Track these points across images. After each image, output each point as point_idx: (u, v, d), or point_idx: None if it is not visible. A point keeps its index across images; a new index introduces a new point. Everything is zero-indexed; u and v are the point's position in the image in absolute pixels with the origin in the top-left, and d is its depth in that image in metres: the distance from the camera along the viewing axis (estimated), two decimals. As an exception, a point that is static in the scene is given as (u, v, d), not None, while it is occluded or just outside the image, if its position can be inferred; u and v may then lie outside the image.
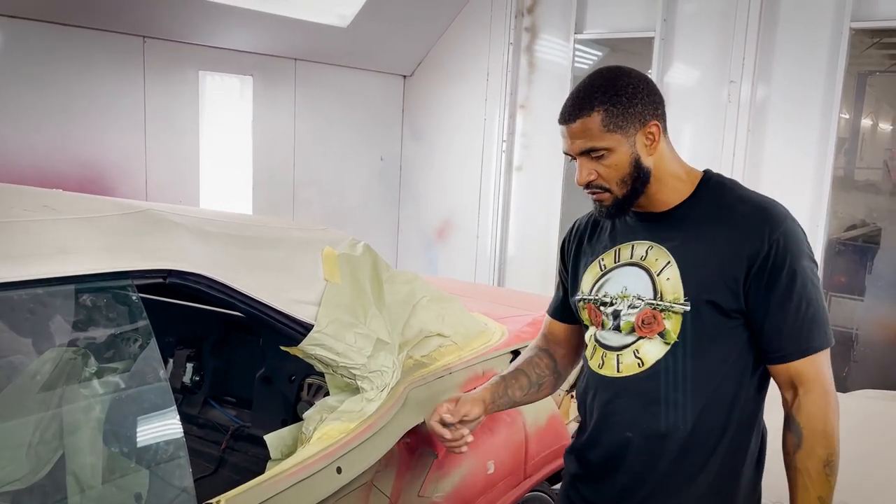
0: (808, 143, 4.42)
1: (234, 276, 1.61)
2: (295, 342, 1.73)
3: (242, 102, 4.98)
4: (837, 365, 1.48)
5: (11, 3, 3.66)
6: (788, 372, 1.43)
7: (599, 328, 1.55)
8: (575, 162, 1.47)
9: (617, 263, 1.54)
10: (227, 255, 1.65)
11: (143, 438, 1.53)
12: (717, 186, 1.50)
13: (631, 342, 1.49)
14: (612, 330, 1.52)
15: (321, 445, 1.67)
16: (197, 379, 2.43)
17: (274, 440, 1.83)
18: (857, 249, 5.29)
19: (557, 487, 2.54)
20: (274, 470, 1.57)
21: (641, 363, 1.48)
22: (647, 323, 1.46)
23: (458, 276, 5.69)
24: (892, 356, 4.71)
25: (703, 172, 1.54)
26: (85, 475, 1.49)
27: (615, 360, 1.51)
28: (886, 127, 6.98)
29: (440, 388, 2.05)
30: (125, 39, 4.22)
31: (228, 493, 1.45)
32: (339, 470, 1.66)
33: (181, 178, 4.66)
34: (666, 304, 1.45)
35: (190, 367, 2.42)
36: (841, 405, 1.45)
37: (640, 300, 1.47)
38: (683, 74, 4.83)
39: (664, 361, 1.45)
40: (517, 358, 1.80)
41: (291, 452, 1.74)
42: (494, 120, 5.61)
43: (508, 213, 5.70)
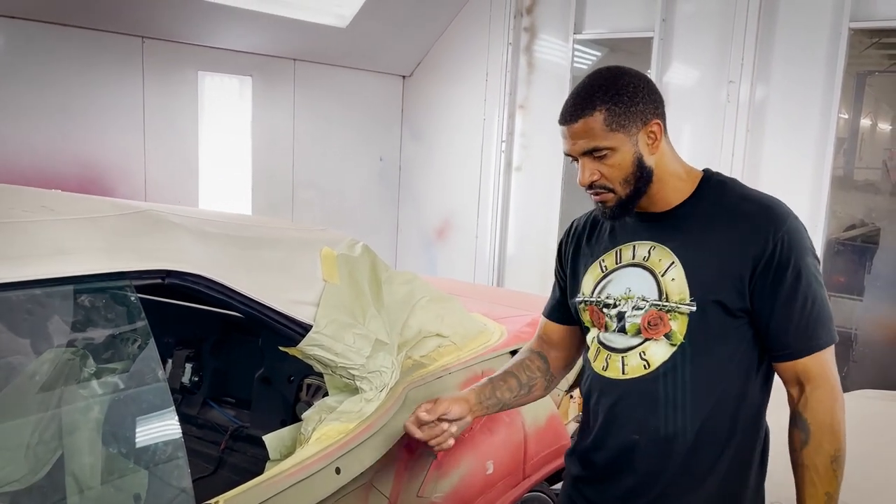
0: (807, 143, 4.41)
1: (232, 276, 1.61)
2: (294, 343, 1.73)
3: (241, 103, 4.98)
4: (836, 365, 1.48)
5: (10, 3, 3.66)
6: (795, 369, 1.42)
7: (602, 330, 1.54)
8: (576, 163, 1.46)
9: (619, 264, 1.53)
10: (225, 255, 1.64)
11: (141, 439, 1.53)
12: (718, 185, 1.50)
13: (637, 344, 1.48)
14: (616, 332, 1.50)
15: (320, 446, 1.67)
16: (196, 379, 2.43)
17: (273, 441, 1.83)
18: (856, 249, 5.29)
19: (556, 487, 2.54)
20: (273, 470, 1.57)
21: (647, 365, 1.46)
22: (653, 324, 1.45)
23: (457, 276, 5.69)
24: (891, 356, 4.70)
25: (702, 172, 1.53)
26: (84, 476, 1.49)
27: (620, 362, 1.50)
28: (885, 127, 6.98)
29: (439, 388, 2.05)
30: (124, 40, 4.22)
31: (227, 493, 1.45)
32: (337, 470, 1.65)
33: (180, 178, 4.65)
34: (672, 304, 1.43)
35: (189, 367, 2.42)
36: (842, 404, 1.44)
37: (644, 301, 1.46)
38: (682, 74, 4.83)
39: (670, 363, 1.44)
40: (510, 360, 1.78)
41: (290, 453, 1.74)
42: (493, 120, 5.61)
43: (507, 213, 5.70)
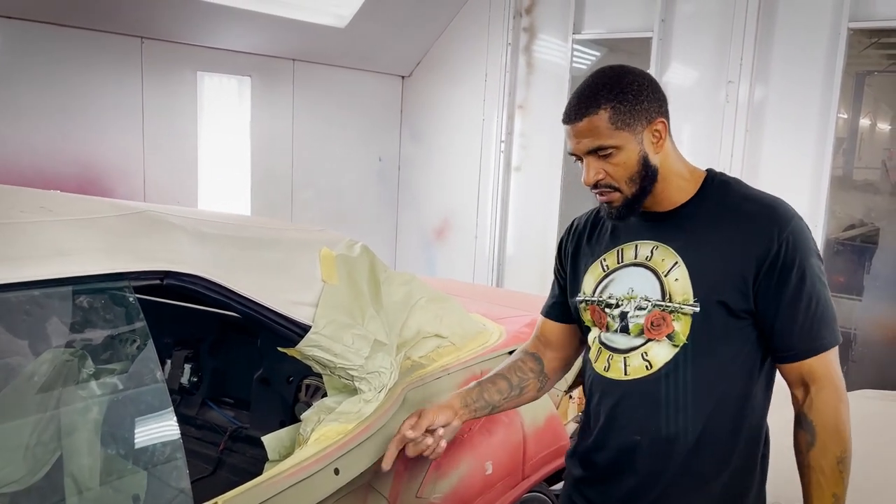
0: (806, 143, 4.41)
1: (231, 277, 1.61)
2: (292, 343, 1.72)
3: (240, 103, 4.98)
4: (837, 365, 1.47)
5: (10, 3, 3.66)
6: (800, 370, 1.42)
7: (604, 330, 1.53)
8: (580, 163, 1.45)
9: (620, 264, 1.52)
10: (224, 256, 1.64)
11: (140, 440, 1.52)
12: (721, 185, 1.49)
13: (639, 344, 1.47)
14: (618, 332, 1.50)
15: (319, 447, 1.66)
16: (195, 380, 2.43)
17: (272, 441, 1.83)
18: (855, 249, 5.29)
19: (556, 488, 2.54)
20: (272, 471, 1.57)
21: (650, 366, 1.45)
22: (656, 325, 1.44)
23: (456, 276, 5.69)
24: (890, 356, 4.70)
25: (706, 171, 1.52)
26: (83, 477, 1.48)
27: (622, 362, 1.49)
28: (885, 127, 6.98)
29: (438, 388, 2.05)
30: (123, 40, 4.22)
31: (226, 494, 1.44)
32: (336, 471, 1.65)
33: (179, 178, 4.65)
34: (675, 305, 1.42)
35: (188, 368, 2.42)
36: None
37: (647, 301, 1.45)
38: (681, 75, 4.83)
39: (673, 363, 1.44)
40: (502, 362, 1.76)
41: (289, 454, 1.74)
42: (493, 120, 5.61)
43: (507, 213, 5.70)
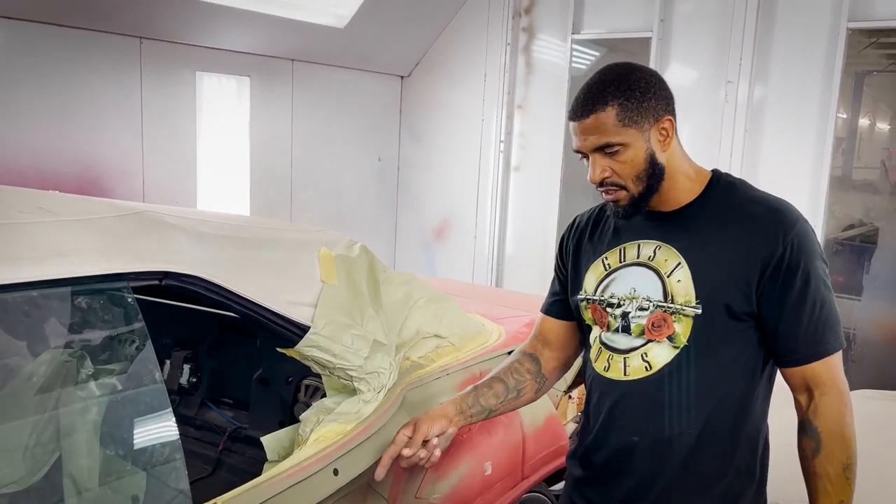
0: (805, 142, 4.41)
1: (230, 277, 1.60)
2: (292, 344, 1.72)
3: (240, 103, 4.98)
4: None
5: (8, 3, 3.65)
6: (803, 375, 1.40)
7: (605, 329, 1.52)
8: (586, 160, 1.43)
9: (622, 263, 1.51)
10: (223, 256, 1.64)
11: (139, 440, 1.52)
12: (727, 186, 1.47)
13: (640, 345, 1.46)
14: (619, 332, 1.49)
15: (318, 447, 1.66)
16: (194, 380, 2.43)
17: (271, 442, 1.83)
18: (854, 249, 5.29)
19: (555, 488, 2.54)
20: (271, 472, 1.57)
21: (649, 366, 1.45)
22: (657, 326, 1.43)
23: (455, 276, 5.69)
24: (889, 356, 4.70)
25: (711, 172, 1.51)
26: (82, 477, 1.48)
27: (622, 363, 1.48)
28: (884, 126, 6.98)
29: (437, 389, 2.05)
30: (122, 40, 4.22)
31: (225, 495, 1.44)
32: (336, 472, 1.65)
33: (178, 179, 4.65)
34: (677, 306, 1.41)
35: (187, 368, 2.42)
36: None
37: (649, 302, 1.44)
38: (681, 75, 4.83)
39: (673, 365, 1.43)
40: (499, 364, 1.75)
41: (288, 454, 1.74)
42: (492, 120, 5.61)
43: (506, 213, 5.70)
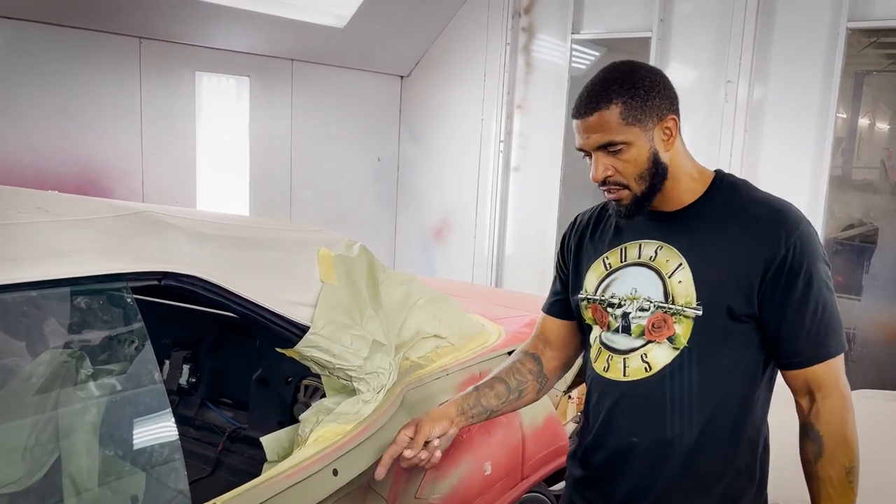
0: (805, 142, 4.42)
1: (229, 277, 1.60)
2: (291, 344, 1.72)
3: (239, 103, 4.98)
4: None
5: (8, 3, 3.65)
6: (805, 377, 1.39)
7: (605, 329, 1.51)
8: (588, 159, 1.43)
9: (623, 263, 1.50)
10: (222, 256, 1.64)
11: (139, 441, 1.52)
12: (729, 187, 1.47)
13: (640, 346, 1.45)
14: (619, 332, 1.48)
15: (317, 447, 1.66)
16: (193, 381, 2.43)
17: (270, 442, 1.82)
18: (854, 249, 5.29)
19: (555, 488, 2.54)
20: (270, 472, 1.56)
21: (649, 367, 1.44)
22: (657, 327, 1.42)
23: (455, 276, 5.69)
24: (889, 355, 4.70)
25: (714, 172, 1.50)
26: (81, 478, 1.48)
27: (622, 363, 1.47)
28: (883, 126, 6.98)
29: (437, 389, 2.05)
30: (121, 40, 4.22)
31: (224, 495, 1.44)
32: (335, 472, 1.65)
33: (178, 179, 4.65)
34: (677, 307, 1.41)
35: (186, 368, 2.42)
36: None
37: (649, 302, 1.43)
38: (680, 75, 4.82)
39: (672, 366, 1.42)
40: (500, 364, 1.74)
41: (288, 454, 1.73)
42: (492, 120, 5.61)
43: (506, 213, 5.70)
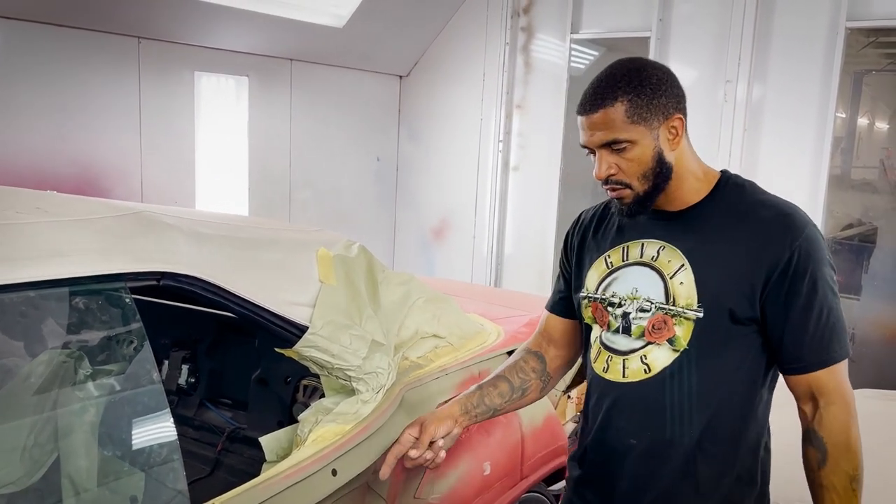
0: (804, 142, 4.42)
1: (228, 277, 1.60)
2: (290, 344, 1.72)
3: (238, 103, 4.98)
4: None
5: (7, 3, 3.65)
6: (808, 383, 1.38)
7: (605, 329, 1.50)
8: (592, 156, 1.42)
9: (625, 262, 1.49)
10: (221, 256, 1.64)
11: (138, 441, 1.52)
12: (735, 188, 1.45)
13: (639, 347, 1.44)
14: (619, 332, 1.47)
15: (316, 447, 1.66)
16: (192, 381, 2.42)
17: (269, 442, 1.82)
18: (853, 248, 5.29)
19: (554, 488, 2.54)
20: (269, 472, 1.56)
21: (648, 369, 1.43)
22: (657, 328, 1.41)
23: (454, 276, 5.69)
24: (889, 355, 4.71)
25: (720, 173, 1.48)
26: (80, 478, 1.48)
27: (621, 364, 1.46)
28: (883, 126, 6.98)
29: (436, 389, 2.04)
30: (120, 40, 4.21)
31: (224, 495, 1.44)
32: (334, 472, 1.65)
33: (177, 179, 4.65)
34: (678, 309, 1.39)
35: (185, 368, 2.41)
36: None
37: (650, 303, 1.42)
38: (679, 74, 4.70)
39: (672, 368, 1.41)
40: (503, 363, 1.74)
41: (287, 454, 1.73)
42: (491, 120, 5.61)
43: (505, 213, 5.70)
